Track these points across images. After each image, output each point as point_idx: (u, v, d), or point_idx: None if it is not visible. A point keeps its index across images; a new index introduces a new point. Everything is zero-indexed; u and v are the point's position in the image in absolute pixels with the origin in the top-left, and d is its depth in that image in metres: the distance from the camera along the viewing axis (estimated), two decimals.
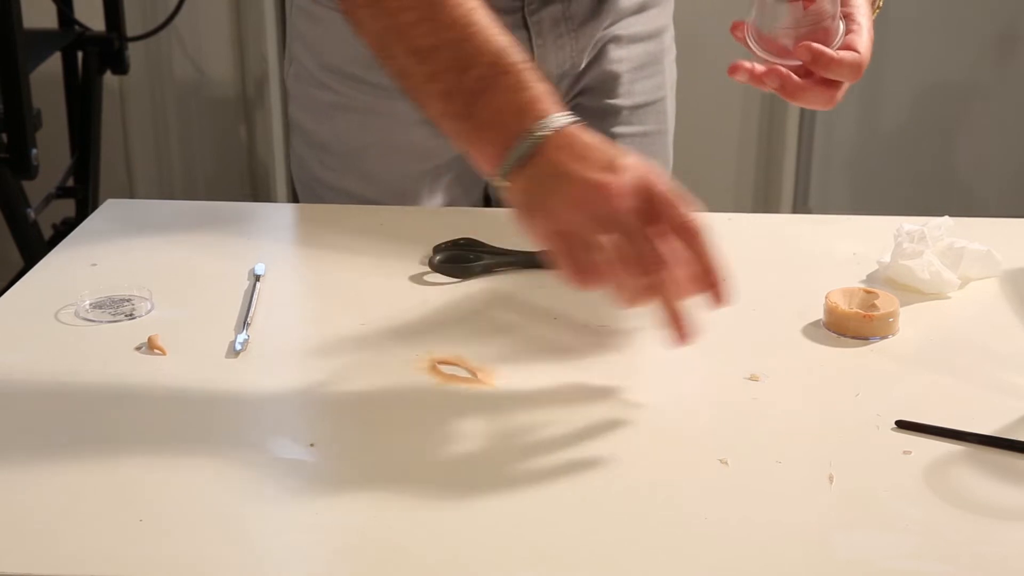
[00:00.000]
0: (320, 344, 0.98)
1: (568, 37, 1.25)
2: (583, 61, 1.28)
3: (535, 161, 0.88)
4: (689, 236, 0.86)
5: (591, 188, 0.85)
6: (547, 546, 0.72)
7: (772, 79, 1.01)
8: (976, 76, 2.78)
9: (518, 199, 0.89)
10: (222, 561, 0.70)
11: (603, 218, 0.85)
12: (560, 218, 0.86)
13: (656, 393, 0.91)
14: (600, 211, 0.85)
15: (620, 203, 0.85)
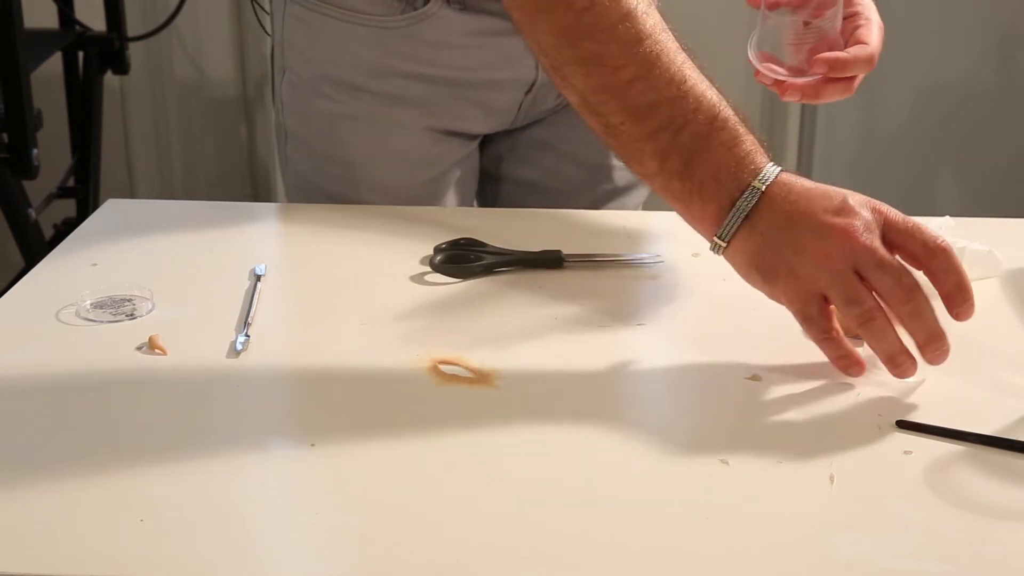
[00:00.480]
0: (320, 344, 0.98)
1: None
2: None
3: (757, 217, 0.87)
4: (942, 255, 0.85)
5: (835, 234, 0.84)
6: (547, 546, 0.72)
7: (792, 94, 1.05)
8: (976, 76, 2.78)
9: (749, 261, 0.89)
10: (222, 561, 0.70)
11: (857, 261, 0.83)
12: (813, 277, 0.85)
13: (656, 393, 0.91)
14: (851, 255, 0.83)
15: (868, 241, 0.83)
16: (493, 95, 1.28)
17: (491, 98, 1.28)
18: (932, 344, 0.86)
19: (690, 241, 1.18)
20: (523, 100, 1.28)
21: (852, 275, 0.84)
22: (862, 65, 1.03)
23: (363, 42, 1.24)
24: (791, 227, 0.86)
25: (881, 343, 0.86)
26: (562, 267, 1.10)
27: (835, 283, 0.85)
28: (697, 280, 1.10)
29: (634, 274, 1.10)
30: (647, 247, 1.14)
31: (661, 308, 1.05)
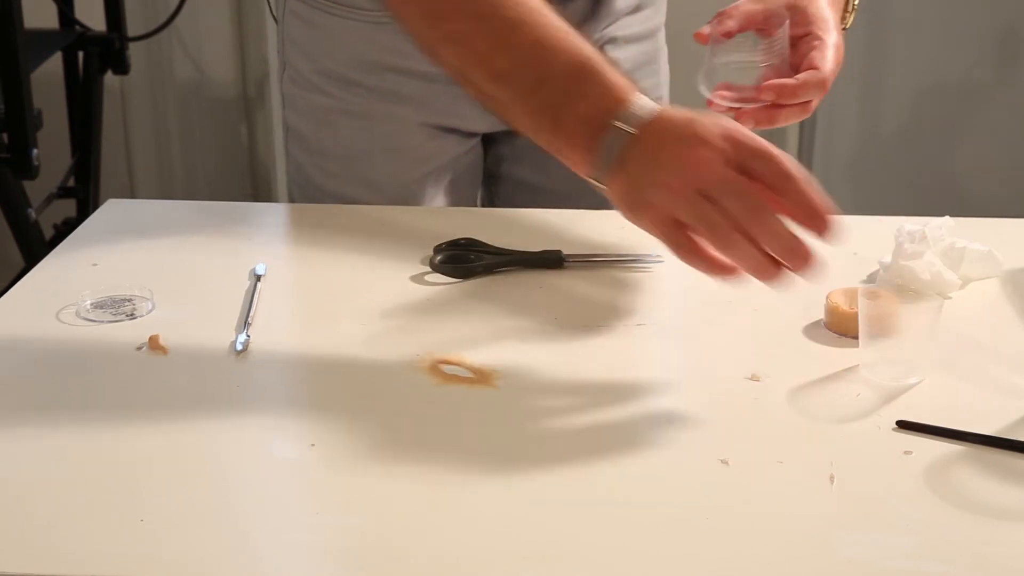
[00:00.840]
0: (320, 344, 0.98)
1: None
2: None
3: (626, 157, 0.90)
4: (794, 181, 0.88)
5: (685, 166, 0.87)
6: (547, 546, 0.72)
7: (746, 121, 1.03)
8: (976, 76, 2.78)
9: (620, 199, 0.92)
10: (222, 561, 0.70)
11: (709, 189, 0.86)
12: (666, 206, 0.88)
13: (657, 393, 0.91)
14: (702, 184, 0.86)
15: (715, 169, 0.87)
16: None
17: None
18: (790, 256, 0.86)
19: None
20: None
21: (701, 200, 0.87)
22: (812, 90, 1.03)
23: (359, 37, 1.24)
24: (648, 163, 0.89)
25: (740, 258, 0.87)
26: (562, 267, 1.10)
27: (687, 209, 0.87)
28: (697, 280, 1.10)
29: (634, 274, 1.10)
30: (647, 247, 1.14)
31: (661, 308, 1.05)
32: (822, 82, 1.03)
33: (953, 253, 1.06)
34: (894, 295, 0.94)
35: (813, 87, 1.03)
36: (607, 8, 1.27)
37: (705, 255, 0.89)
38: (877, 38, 2.78)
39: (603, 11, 1.27)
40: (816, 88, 1.03)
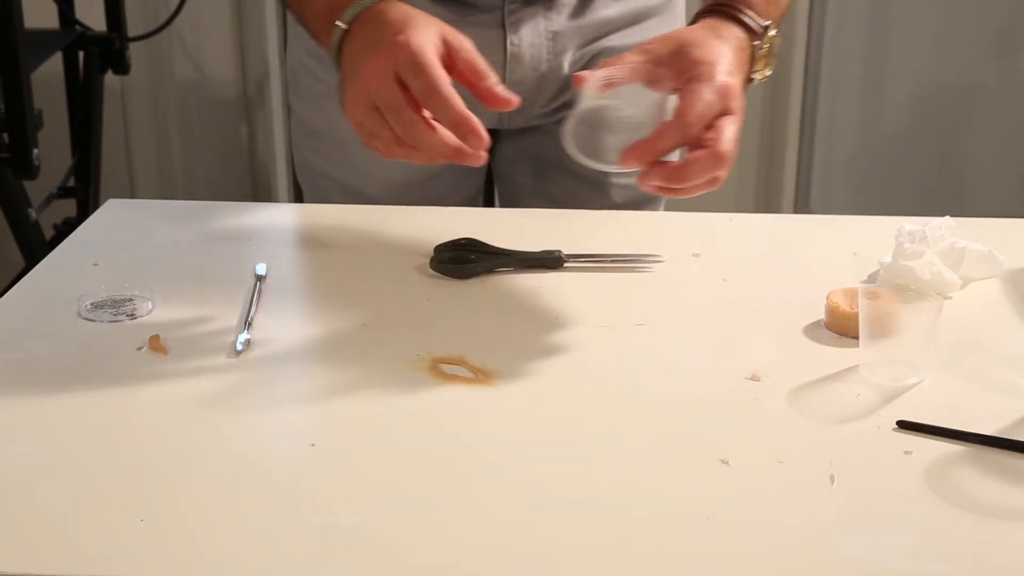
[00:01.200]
0: (321, 344, 0.98)
1: (545, 40, 1.25)
2: (564, 67, 1.27)
3: (342, 56, 0.98)
4: (427, 96, 0.92)
5: (362, 77, 0.93)
6: (547, 546, 0.72)
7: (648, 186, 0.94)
8: (976, 76, 2.78)
9: (341, 75, 0.99)
10: (222, 561, 0.70)
11: (376, 102, 0.93)
12: (351, 112, 0.96)
13: (657, 393, 0.91)
14: (371, 97, 0.93)
15: (382, 86, 0.92)
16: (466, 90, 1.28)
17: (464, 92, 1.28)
18: (457, 128, 0.92)
19: (690, 241, 1.18)
20: None
21: (372, 111, 0.94)
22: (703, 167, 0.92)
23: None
24: (347, 67, 0.97)
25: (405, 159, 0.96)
26: (562, 267, 1.10)
27: (361, 119, 0.95)
28: (697, 280, 1.10)
29: (634, 274, 1.10)
30: (647, 247, 1.14)
31: (661, 308, 1.05)
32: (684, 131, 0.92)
33: (953, 253, 1.06)
34: (894, 295, 0.94)
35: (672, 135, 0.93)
36: (594, 16, 1.27)
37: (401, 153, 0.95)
38: (877, 38, 2.78)
39: (590, 19, 1.26)
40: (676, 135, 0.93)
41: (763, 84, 1.08)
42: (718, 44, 0.98)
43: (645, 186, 0.93)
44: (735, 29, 1.02)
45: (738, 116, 0.95)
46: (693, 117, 0.92)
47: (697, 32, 1.00)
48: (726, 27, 1.02)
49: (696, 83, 0.94)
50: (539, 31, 1.24)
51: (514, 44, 1.24)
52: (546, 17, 1.24)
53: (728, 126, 0.94)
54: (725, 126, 0.93)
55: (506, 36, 1.23)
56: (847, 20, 2.76)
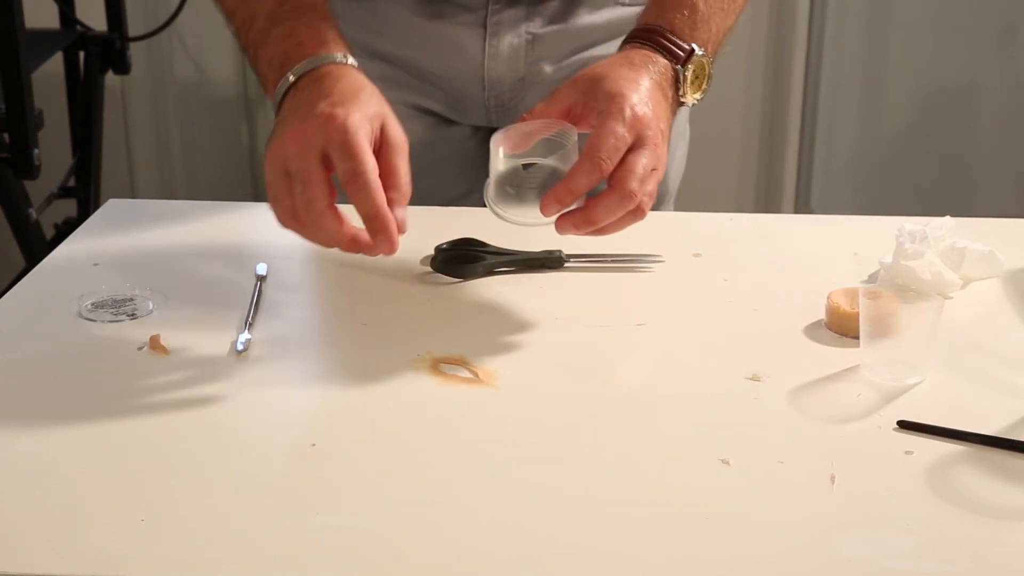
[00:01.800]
0: (321, 344, 0.98)
1: (524, 42, 1.25)
2: (545, 70, 1.27)
3: (282, 108, 0.96)
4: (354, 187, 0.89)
5: (286, 142, 0.91)
6: (547, 546, 0.72)
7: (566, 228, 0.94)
8: (976, 76, 2.78)
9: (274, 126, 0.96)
10: (222, 561, 0.70)
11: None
12: (267, 168, 0.92)
13: (657, 393, 0.91)
14: (286, 164, 0.90)
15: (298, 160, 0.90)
16: (452, 84, 1.28)
17: (450, 87, 1.28)
18: (371, 223, 0.90)
19: (690, 241, 1.18)
20: (485, 97, 1.28)
21: (285, 177, 0.91)
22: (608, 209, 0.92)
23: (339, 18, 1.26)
24: (281, 122, 0.95)
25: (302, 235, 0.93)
26: (563, 267, 1.10)
27: (273, 181, 0.92)
28: (697, 280, 1.10)
29: (634, 274, 1.10)
30: (647, 247, 1.14)
31: (661, 308, 1.05)
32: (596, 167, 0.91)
33: (954, 253, 1.06)
34: (895, 295, 0.94)
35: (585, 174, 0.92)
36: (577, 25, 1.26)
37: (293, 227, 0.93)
38: (877, 38, 2.78)
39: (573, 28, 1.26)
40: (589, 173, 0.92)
41: (763, 84, 1.08)
42: (629, 73, 0.97)
43: (562, 232, 0.94)
44: (653, 55, 1.00)
45: (651, 148, 0.94)
46: (603, 152, 0.92)
47: (608, 65, 0.99)
48: (641, 55, 1.00)
49: (605, 118, 0.93)
50: (519, 33, 1.25)
51: (493, 45, 1.24)
52: (528, 20, 1.25)
53: (638, 160, 0.93)
54: (634, 161, 0.93)
55: (486, 36, 1.24)
56: (847, 20, 2.76)
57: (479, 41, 1.24)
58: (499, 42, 1.24)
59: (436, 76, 1.27)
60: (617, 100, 0.94)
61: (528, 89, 1.27)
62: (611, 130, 0.93)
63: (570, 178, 0.92)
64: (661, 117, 0.97)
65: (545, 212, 0.92)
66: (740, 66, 2.73)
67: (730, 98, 2.74)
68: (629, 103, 0.94)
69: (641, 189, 0.93)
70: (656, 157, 0.95)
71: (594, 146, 0.92)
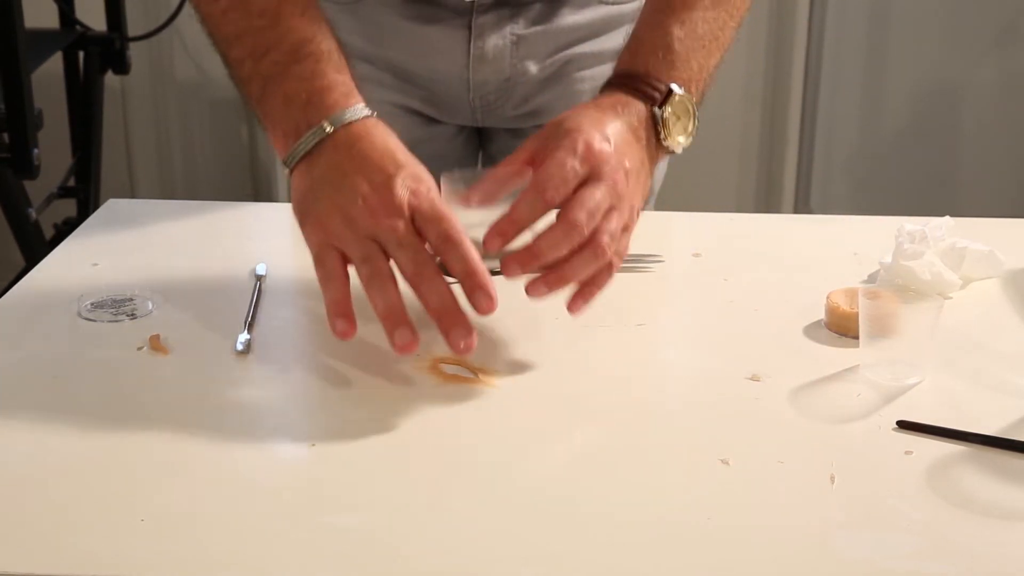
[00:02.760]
0: (321, 344, 0.98)
1: (509, 43, 1.25)
2: (530, 70, 1.27)
3: (316, 159, 0.89)
4: (451, 247, 0.86)
5: (368, 207, 0.86)
6: (547, 546, 0.72)
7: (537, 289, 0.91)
8: (976, 76, 2.78)
9: (296, 198, 0.91)
10: (222, 561, 0.70)
11: (380, 237, 0.86)
12: (329, 230, 0.87)
13: (657, 393, 0.91)
14: (373, 228, 0.86)
15: (391, 221, 0.86)
16: (436, 86, 1.28)
17: (435, 88, 1.29)
18: (442, 317, 0.87)
19: (690, 241, 1.18)
20: (470, 98, 1.28)
21: (371, 243, 0.87)
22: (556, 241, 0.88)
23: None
24: (333, 181, 0.88)
25: (377, 299, 0.87)
26: None
27: (356, 247, 0.87)
28: (697, 280, 1.10)
29: (634, 274, 1.10)
30: (647, 247, 1.14)
31: (661, 308, 1.05)
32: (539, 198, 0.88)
33: (954, 253, 1.06)
34: (894, 295, 0.94)
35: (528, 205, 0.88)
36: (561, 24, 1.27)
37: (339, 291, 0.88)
38: (877, 38, 2.78)
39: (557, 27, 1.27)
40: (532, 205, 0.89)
41: (763, 84, 1.07)
42: (594, 113, 0.94)
43: (509, 275, 0.90)
44: (625, 98, 0.97)
45: (607, 184, 0.90)
46: (549, 182, 0.88)
47: (575, 109, 0.96)
48: (612, 99, 0.97)
49: (554, 150, 0.90)
50: (504, 34, 1.25)
51: (478, 47, 1.24)
52: (512, 21, 1.25)
53: (589, 193, 0.89)
54: (584, 194, 0.89)
55: (471, 38, 1.24)
56: (847, 20, 2.76)
57: (464, 43, 1.24)
58: (484, 44, 1.25)
59: (421, 78, 1.28)
60: (571, 134, 0.91)
61: (513, 89, 1.28)
62: (559, 161, 0.89)
63: (513, 209, 0.89)
64: (627, 156, 0.93)
65: (488, 247, 0.89)
66: (740, 66, 2.73)
67: (730, 98, 2.75)
68: (584, 137, 0.91)
69: (599, 228, 0.89)
70: (616, 196, 0.90)
71: (539, 176, 0.89)
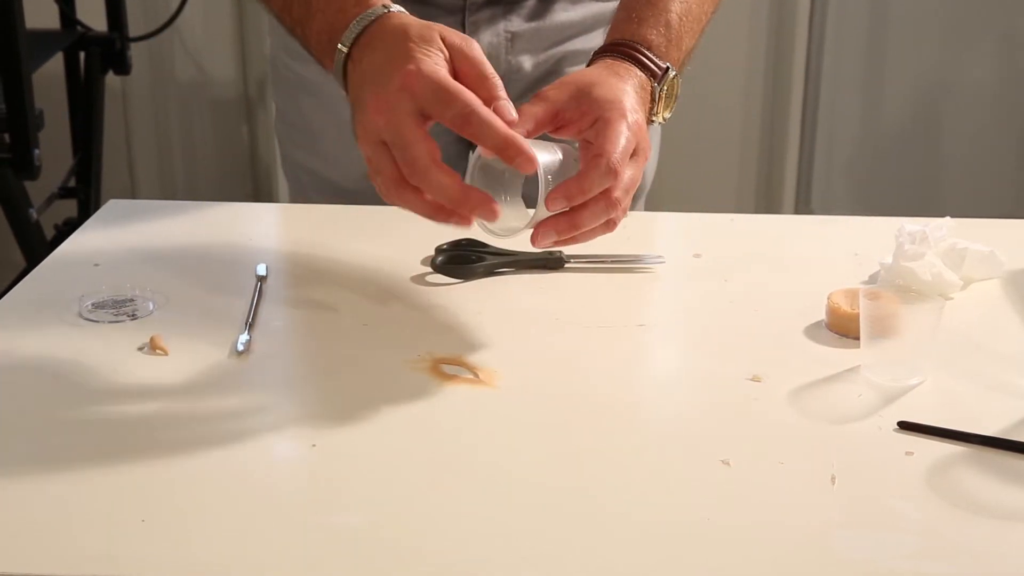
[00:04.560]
0: (321, 345, 0.98)
1: (503, 40, 1.26)
2: (524, 67, 1.28)
3: (348, 79, 0.92)
4: (467, 122, 0.86)
5: (372, 111, 0.87)
6: (547, 546, 0.72)
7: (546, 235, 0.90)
8: (976, 76, 2.78)
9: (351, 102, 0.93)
10: (222, 561, 0.70)
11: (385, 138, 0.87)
12: (361, 141, 0.89)
13: (658, 394, 0.91)
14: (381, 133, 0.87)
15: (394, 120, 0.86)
16: None
17: None
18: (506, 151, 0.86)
19: (691, 241, 1.18)
20: None
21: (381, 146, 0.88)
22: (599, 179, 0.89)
23: None
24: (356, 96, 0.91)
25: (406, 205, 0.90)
26: (563, 268, 1.10)
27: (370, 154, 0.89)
28: (698, 280, 1.10)
29: (634, 275, 1.10)
30: (647, 247, 1.14)
31: (661, 308, 1.05)
32: (610, 170, 0.89)
33: (954, 254, 1.06)
34: (895, 296, 0.94)
35: (599, 176, 0.88)
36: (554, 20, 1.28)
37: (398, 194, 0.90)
38: (877, 38, 2.78)
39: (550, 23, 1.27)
40: (604, 176, 0.88)
41: (763, 84, 1.08)
42: (618, 83, 0.96)
43: (542, 239, 0.90)
44: (634, 69, 0.99)
45: (642, 160, 0.93)
46: (618, 155, 0.89)
47: (595, 72, 0.97)
48: (624, 67, 0.99)
49: (611, 121, 0.91)
50: (498, 32, 1.26)
51: None
52: (505, 18, 1.26)
53: (631, 172, 0.91)
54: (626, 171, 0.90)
55: None
56: (847, 20, 2.76)
57: None
58: (479, 41, 1.25)
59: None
60: (617, 105, 0.92)
61: (507, 86, 1.28)
62: (620, 132, 0.90)
63: (584, 177, 0.89)
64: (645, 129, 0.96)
65: (551, 206, 0.89)
66: (740, 66, 2.73)
67: (730, 98, 2.75)
68: (628, 109, 0.92)
69: (624, 201, 0.91)
70: (640, 170, 0.93)
71: (607, 149, 0.89)
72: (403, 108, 0.87)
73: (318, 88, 1.29)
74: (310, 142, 1.34)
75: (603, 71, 0.98)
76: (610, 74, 0.98)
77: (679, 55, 1.03)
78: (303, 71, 1.31)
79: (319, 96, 1.30)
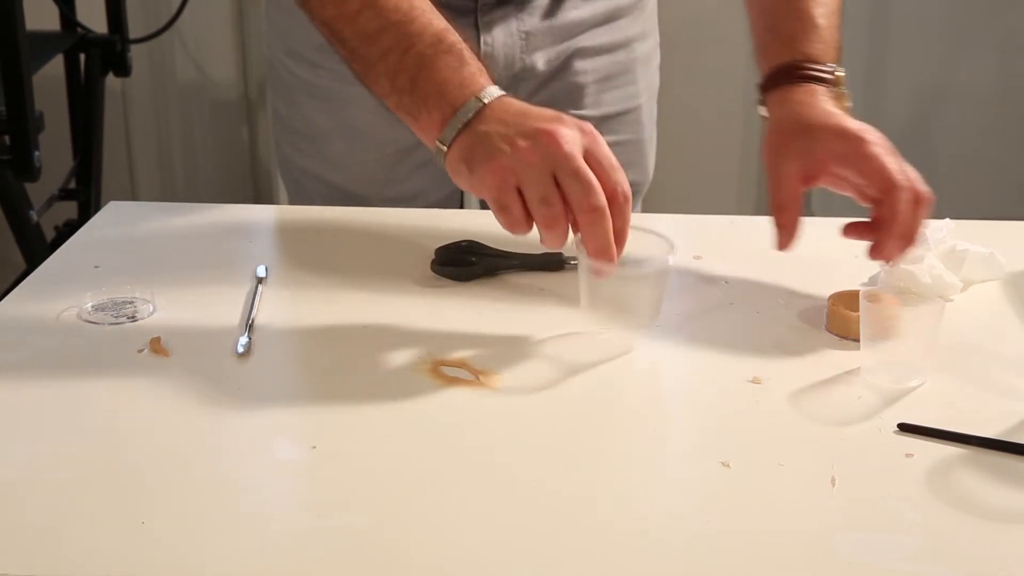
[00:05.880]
0: (322, 346, 0.98)
1: (518, 40, 1.26)
2: (537, 65, 1.28)
3: (476, 124, 0.93)
4: (620, 201, 0.90)
5: (540, 135, 0.89)
6: (548, 547, 0.72)
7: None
8: (976, 76, 2.78)
9: (461, 157, 0.94)
10: (223, 563, 0.70)
11: (555, 164, 0.88)
12: (506, 169, 0.90)
13: (658, 395, 0.91)
14: (551, 157, 0.88)
15: (569, 149, 0.88)
16: None
17: None
18: (599, 256, 0.90)
19: (691, 243, 1.18)
20: None
21: (548, 176, 0.89)
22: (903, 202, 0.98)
23: None
24: (504, 126, 0.92)
25: (555, 239, 0.90)
26: (563, 268, 1.10)
27: (530, 178, 0.89)
28: (697, 281, 1.10)
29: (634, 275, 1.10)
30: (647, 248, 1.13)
31: (662, 310, 1.04)
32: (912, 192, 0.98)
33: (954, 256, 1.06)
34: (895, 298, 0.94)
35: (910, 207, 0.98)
36: (566, 17, 1.28)
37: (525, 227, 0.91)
38: (877, 38, 2.78)
39: (561, 19, 1.28)
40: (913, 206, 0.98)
41: None
42: (834, 110, 1.07)
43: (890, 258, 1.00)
44: (819, 88, 1.10)
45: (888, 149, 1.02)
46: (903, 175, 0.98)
47: (807, 107, 1.08)
48: (828, 91, 1.10)
49: (882, 155, 0.99)
50: (512, 31, 1.26)
51: (487, 44, 1.25)
52: (518, 18, 1.26)
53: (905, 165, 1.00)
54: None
55: (479, 36, 1.24)
56: (847, 20, 2.74)
57: (473, 43, 1.24)
58: (492, 41, 1.25)
59: None
60: (874, 138, 1.01)
61: (519, 86, 1.28)
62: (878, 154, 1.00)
63: (902, 216, 0.97)
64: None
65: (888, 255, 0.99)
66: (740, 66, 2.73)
67: (731, 98, 2.75)
68: (857, 128, 1.02)
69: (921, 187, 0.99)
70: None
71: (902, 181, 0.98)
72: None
73: (320, 91, 1.29)
74: (311, 145, 1.34)
75: (826, 106, 1.07)
76: (831, 106, 1.07)
77: (835, 51, 1.15)
78: (305, 73, 1.30)
79: (321, 98, 1.30)
